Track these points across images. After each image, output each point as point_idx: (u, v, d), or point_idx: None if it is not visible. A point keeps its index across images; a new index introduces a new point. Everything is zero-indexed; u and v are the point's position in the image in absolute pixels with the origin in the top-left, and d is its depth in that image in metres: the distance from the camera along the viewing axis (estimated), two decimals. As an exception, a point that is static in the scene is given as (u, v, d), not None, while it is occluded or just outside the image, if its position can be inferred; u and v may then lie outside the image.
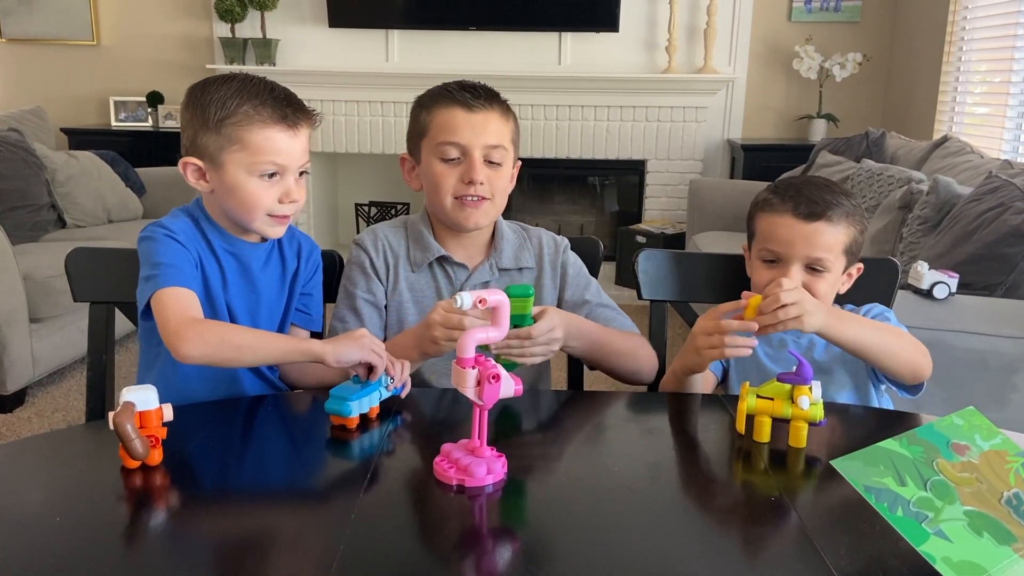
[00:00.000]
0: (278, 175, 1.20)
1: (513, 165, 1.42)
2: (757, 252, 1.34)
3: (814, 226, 1.27)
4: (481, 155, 1.33)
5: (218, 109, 1.17)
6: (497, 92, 1.39)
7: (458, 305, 0.92)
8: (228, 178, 1.19)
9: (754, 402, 1.06)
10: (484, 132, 1.33)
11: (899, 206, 2.72)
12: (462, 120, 1.33)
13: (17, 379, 2.78)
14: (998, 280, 2.08)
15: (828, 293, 1.30)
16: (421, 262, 1.40)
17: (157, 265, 1.16)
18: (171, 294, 1.13)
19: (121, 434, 0.92)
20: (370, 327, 1.34)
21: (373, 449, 1.05)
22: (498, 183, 1.36)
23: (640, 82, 4.38)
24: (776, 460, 1.04)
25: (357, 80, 4.40)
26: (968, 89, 3.81)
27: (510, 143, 1.38)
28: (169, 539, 0.85)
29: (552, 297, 1.42)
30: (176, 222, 1.23)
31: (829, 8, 4.49)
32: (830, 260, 1.28)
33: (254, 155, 1.18)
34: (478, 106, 1.33)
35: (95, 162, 3.81)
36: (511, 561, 0.81)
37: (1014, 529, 0.78)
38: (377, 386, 1.12)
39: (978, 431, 0.88)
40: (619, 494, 0.95)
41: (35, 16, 4.64)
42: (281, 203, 1.21)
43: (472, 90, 1.35)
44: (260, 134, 1.18)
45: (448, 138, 1.33)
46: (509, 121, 1.38)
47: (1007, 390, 1.80)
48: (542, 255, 1.44)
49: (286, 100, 1.21)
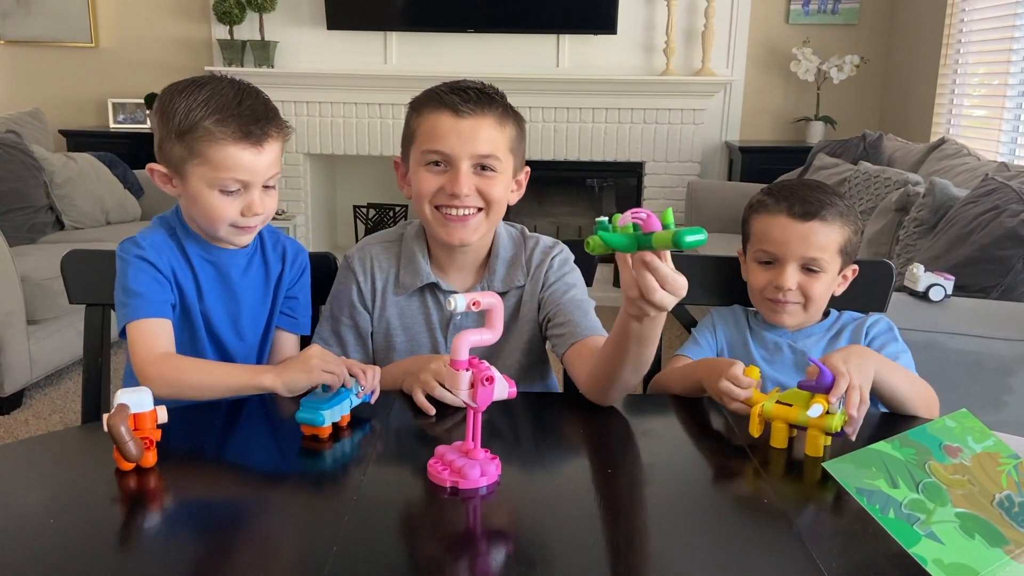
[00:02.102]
0: (241, 190, 1.19)
1: (517, 172, 1.33)
2: (753, 254, 1.34)
3: (809, 225, 1.27)
4: (469, 165, 1.24)
5: (182, 120, 1.15)
6: (496, 94, 1.28)
7: (452, 308, 0.92)
8: (191, 189, 1.19)
9: (770, 407, 1.05)
10: (473, 141, 1.23)
11: (896, 208, 2.73)
12: (449, 126, 1.23)
13: (14, 381, 2.78)
14: (994, 282, 2.08)
15: (824, 294, 1.31)
16: (410, 286, 1.33)
17: (128, 293, 1.19)
18: (139, 328, 1.17)
19: (115, 436, 0.92)
20: (351, 354, 1.34)
21: (367, 450, 1.05)
22: (492, 192, 1.26)
23: (638, 84, 4.38)
24: (768, 463, 1.04)
25: (355, 82, 4.40)
26: (965, 92, 3.81)
27: (507, 152, 1.27)
28: (163, 541, 0.85)
29: (532, 306, 1.35)
30: (150, 236, 1.24)
31: (827, 10, 4.49)
32: (825, 260, 1.28)
33: (215, 171, 1.16)
34: (467, 111, 1.23)
35: (93, 164, 3.82)
36: (505, 563, 0.81)
37: (1006, 531, 0.79)
38: (348, 394, 1.11)
39: (970, 433, 0.89)
40: (613, 496, 0.95)
41: (33, 18, 4.64)
42: (244, 216, 1.20)
43: (464, 93, 1.24)
44: (222, 152, 1.15)
45: (432, 146, 1.24)
46: (506, 127, 1.27)
47: (1002, 392, 1.80)
48: (531, 265, 1.36)
49: (252, 115, 1.17)
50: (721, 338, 1.39)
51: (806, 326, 1.35)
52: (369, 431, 1.11)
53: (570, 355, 1.27)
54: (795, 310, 1.31)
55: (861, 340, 1.32)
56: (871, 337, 1.33)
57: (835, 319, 1.37)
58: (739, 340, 1.38)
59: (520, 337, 1.36)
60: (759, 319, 1.38)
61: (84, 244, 3.14)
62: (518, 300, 1.36)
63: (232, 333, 1.29)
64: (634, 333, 1.02)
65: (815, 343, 1.34)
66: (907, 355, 1.30)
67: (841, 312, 1.38)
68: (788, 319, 1.32)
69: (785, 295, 1.29)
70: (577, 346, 1.26)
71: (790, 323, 1.33)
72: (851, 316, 1.37)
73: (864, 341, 1.32)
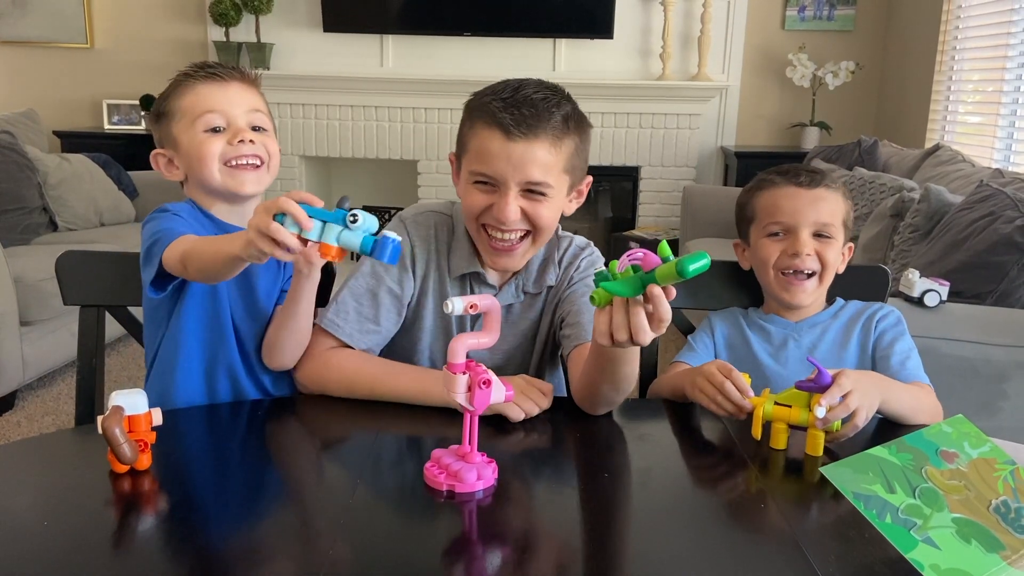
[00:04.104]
0: (223, 128, 1.22)
1: (577, 185, 1.27)
2: (762, 230, 1.34)
3: (817, 192, 1.31)
4: (518, 190, 1.19)
5: (162, 98, 1.25)
6: (557, 105, 1.19)
7: (449, 310, 0.92)
8: (183, 148, 1.23)
9: (771, 408, 1.05)
10: (523, 167, 1.16)
11: (891, 214, 2.74)
12: (498, 148, 1.16)
13: (7, 382, 2.77)
14: (989, 288, 2.08)
15: (835, 262, 1.31)
16: (456, 271, 1.29)
17: (159, 233, 1.14)
18: (175, 243, 1.09)
19: (109, 438, 0.91)
20: (384, 320, 1.28)
21: (363, 453, 1.04)
22: (540, 217, 1.20)
23: (634, 89, 4.39)
24: (765, 467, 1.04)
25: (351, 85, 4.40)
26: (960, 98, 3.83)
27: (560, 173, 1.20)
28: (157, 544, 0.84)
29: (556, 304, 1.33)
30: (178, 205, 1.25)
31: (822, 17, 4.51)
32: (835, 227, 1.31)
33: (190, 113, 1.22)
34: (519, 135, 1.15)
35: (87, 165, 3.80)
36: (500, 567, 0.80)
37: (1002, 537, 0.79)
38: (338, 217, 0.91)
39: (967, 439, 0.89)
40: (610, 500, 0.95)
41: (28, 18, 4.63)
42: (231, 144, 1.21)
43: (518, 111, 1.15)
44: (190, 94, 1.22)
45: (481, 168, 1.19)
46: (563, 145, 1.19)
47: (997, 398, 1.81)
48: (561, 265, 1.33)
49: (214, 65, 1.25)
50: (720, 339, 1.38)
51: (809, 314, 1.34)
52: (366, 434, 1.11)
53: (571, 358, 1.25)
54: (811, 285, 1.31)
55: (871, 336, 1.31)
56: (880, 331, 1.31)
57: (839, 307, 1.36)
58: (740, 338, 1.36)
59: (552, 337, 1.35)
60: (759, 313, 1.37)
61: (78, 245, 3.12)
62: (546, 300, 1.34)
63: (244, 314, 1.26)
64: (607, 355, 1.03)
65: (820, 334, 1.33)
66: (915, 352, 1.30)
67: (846, 301, 1.37)
68: (804, 296, 1.31)
69: (803, 261, 1.29)
70: (579, 349, 1.23)
71: (805, 300, 1.31)
72: (856, 305, 1.36)
73: (873, 335, 1.31)
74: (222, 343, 1.25)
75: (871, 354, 1.31)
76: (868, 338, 1.31)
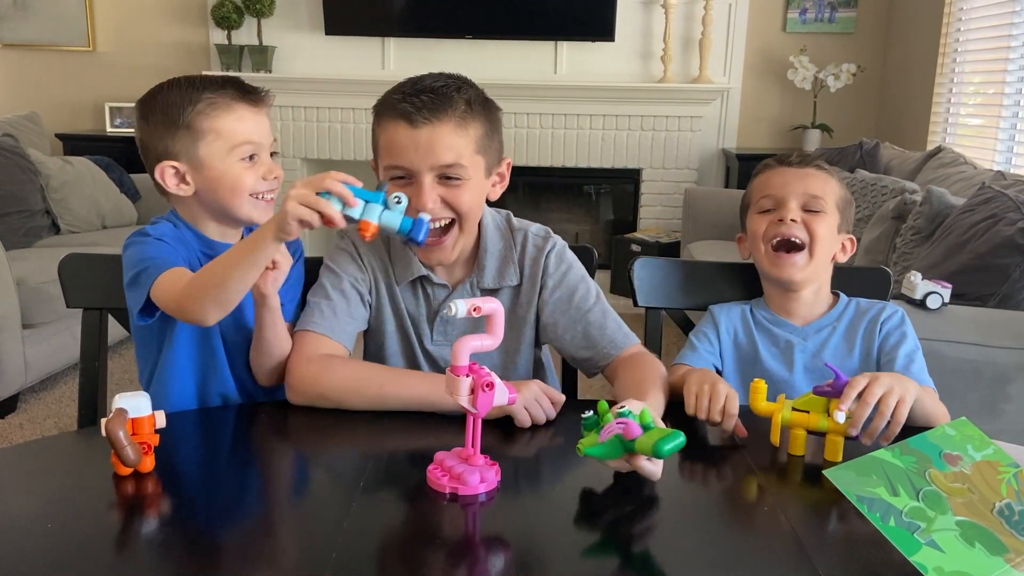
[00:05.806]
0: (256, 155, 1.22)
1: (495, 168, 1.27)
2: (755, 207, 1.36)
3: (807, 170, 1.36)
4: (432, 177, 1.18)
5: (182, 107, 1.18)
6: (457, 90, 1.20)
7: (452, 313, 0.92)
8: (209, 170, 1.19)
9: (789, 415, 1.05)
10: (431, 152, 1.16)
11: (892, 216, 2.74)
12: (405, 138, 1.16)
13: (9, 385, 2.77)
14: (991, 291, 2.08)
15: (827, 236, 1.31)
16: (402, 279, 1.30)
17: (143, 262, 1.15)
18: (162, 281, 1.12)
19: (113, 441, 0.91)
20: (355, 310, 1.28)
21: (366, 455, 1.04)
22: (460, 202, 1.20)
23: (635, 91, 4.39)
24: (768, 469, 1.04)
25: (353, 88, 4.41)
26: (961, 100, 3.83)
27: (473, 155, 1.20)
28: (161, 546, 0.84)
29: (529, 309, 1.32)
30: (156, 227, 1.23)
31: (823, 19, 4.51)
32: (824, 202, 1.32)
33: (230, 139, 1.19)
34: (422, 120, 1.15)
35: (90, 168, 3.81)
36: (504, 570, 0.80)
37: (1006, 540, 0.79)
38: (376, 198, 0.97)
39: (970, 441, 0.89)
40: (612, 502, 0.95)
41: (31, 21, 4.64)
42: (265, 180, 1.22)
43: (417, 98, 1.16)
44: (230, 116, 1.19)
45: (392, 160, 1.18)
46: (470, 128, 1.19)
47: (1000, 400, 1.81)
48: (523, 265, 1.32)
49: (239, 82, 1.22)
50: (726, 335, 1.36)
51: (814, 317, 1.34)
52: (369, 436, 1.11)
53: (607, 375, 1.31)
54: (801, 260, 1.30)
55: (876, 338, 1.30)
56: (884, 333, 1.31)
57: (843, 307, 1.35)
58: (746, 337, 1.35)
59: (516, 339, 1.34)
60: (764, 313, 1.36)
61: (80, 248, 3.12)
62: (513, 301, 1.32)
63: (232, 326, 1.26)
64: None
65: (827, 338, 1.32)
66: (919, 355, 1.29)
67: (850, 299, 1.36)
68: (794, 271, 1.30)
69: (790, 228, 1.29)
70: (608, 369, 1.30)
71: (796, 275, 1.30)
72: (860, 305, 1.35)
73: (878, 337, 1.30)
74: (213, 362, 1.26)
75: (876, 357, 1.30)
76: (873, 341, 1.31)
